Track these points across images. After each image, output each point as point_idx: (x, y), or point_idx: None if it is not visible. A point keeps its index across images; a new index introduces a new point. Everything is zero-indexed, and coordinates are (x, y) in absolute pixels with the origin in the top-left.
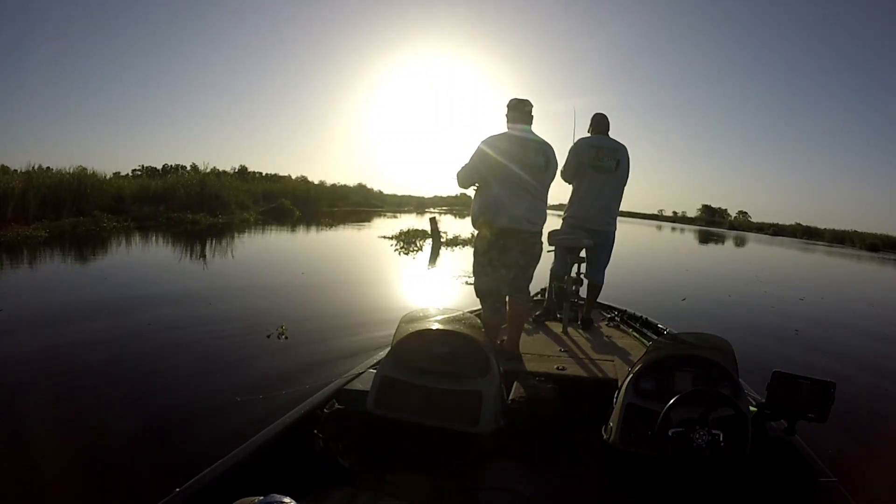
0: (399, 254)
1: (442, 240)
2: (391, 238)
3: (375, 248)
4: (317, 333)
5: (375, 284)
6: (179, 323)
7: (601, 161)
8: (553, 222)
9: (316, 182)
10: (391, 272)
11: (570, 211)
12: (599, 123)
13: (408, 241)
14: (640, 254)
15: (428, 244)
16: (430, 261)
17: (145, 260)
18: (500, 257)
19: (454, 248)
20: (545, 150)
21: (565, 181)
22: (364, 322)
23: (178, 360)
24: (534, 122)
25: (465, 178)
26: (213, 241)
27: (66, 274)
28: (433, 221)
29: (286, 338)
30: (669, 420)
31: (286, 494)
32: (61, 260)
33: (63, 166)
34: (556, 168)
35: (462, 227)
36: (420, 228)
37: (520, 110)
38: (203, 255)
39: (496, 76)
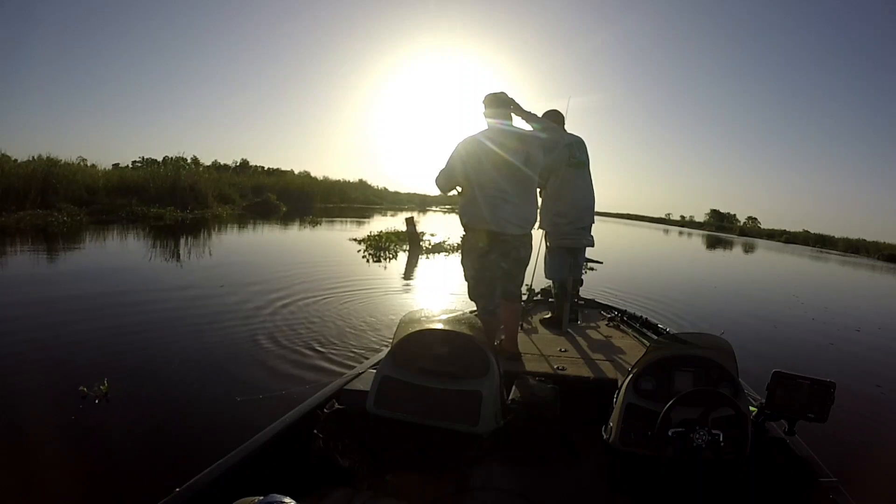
0: (368, 262)
1: (424, 243)
2: (363, 241)
3: (341, 252)
4: (155, 398)
5: (310, 309)
6: None
7: (576, 157)
8: None
9: (320, 178)
10: (342, 291)
11: (557, 212)
12: (558, 120)
13: (379, 247)
14: (659, 267)
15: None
16: (403, 274)
17: (42, 263)
18: (483, 261)
19: (438, 254)
20: (525, 146)
21: (539, 186)
22: (245, 386)
23: None
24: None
25: (443, 183)
26: (157, 240)
27: None
28: (410, 222)
29: (106, 400)
30: (669, 420)
31: (286, 494)
32: None
33: (67, 157)
34: (539, 161)
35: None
36: (403, 230)
37: (496, 106)
38: (122, 258)
39: (505, 74)
